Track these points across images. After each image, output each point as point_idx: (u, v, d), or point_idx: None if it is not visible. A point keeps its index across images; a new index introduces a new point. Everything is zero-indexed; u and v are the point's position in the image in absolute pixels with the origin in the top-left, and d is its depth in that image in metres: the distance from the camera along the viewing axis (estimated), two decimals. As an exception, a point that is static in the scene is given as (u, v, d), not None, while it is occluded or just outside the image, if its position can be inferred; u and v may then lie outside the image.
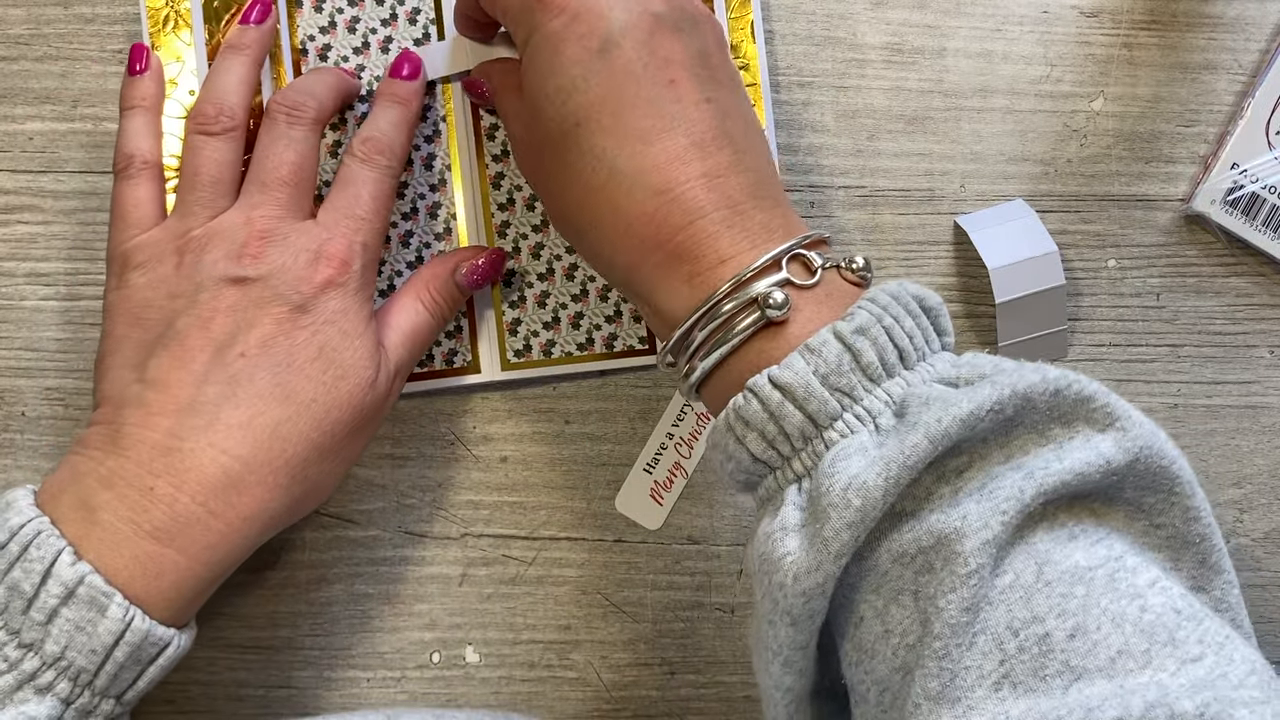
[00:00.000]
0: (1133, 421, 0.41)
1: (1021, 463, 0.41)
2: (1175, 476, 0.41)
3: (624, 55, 0.47)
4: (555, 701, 0.59)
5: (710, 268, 0.45)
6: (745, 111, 0.49)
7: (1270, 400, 0.59)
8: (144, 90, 0.55)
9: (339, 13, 0.57)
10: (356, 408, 0.51)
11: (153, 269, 0.51)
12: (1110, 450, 0.41)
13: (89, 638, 0.45)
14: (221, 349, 0.49)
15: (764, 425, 0.43)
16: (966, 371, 0.43)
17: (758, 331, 0.45)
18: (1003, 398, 0.41)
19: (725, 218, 0.46)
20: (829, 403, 0.43)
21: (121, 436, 0.48)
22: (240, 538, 0.48)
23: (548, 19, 0.48)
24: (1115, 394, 0.42)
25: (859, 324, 0.43)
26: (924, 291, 0.45)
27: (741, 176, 0.46)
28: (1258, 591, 0.59)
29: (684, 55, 0.47)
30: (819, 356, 0.43)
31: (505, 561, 0.59)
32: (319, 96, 0.54)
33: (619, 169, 0.46)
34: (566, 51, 0.47)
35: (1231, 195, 0.58)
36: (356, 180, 0.53)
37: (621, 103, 0.46)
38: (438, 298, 0.55)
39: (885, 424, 0.42)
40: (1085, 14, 0.59)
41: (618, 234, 0.47)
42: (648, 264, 0.47)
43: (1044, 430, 0.42)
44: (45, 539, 0.46)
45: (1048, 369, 0.42)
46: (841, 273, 0.46)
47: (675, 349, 0.47)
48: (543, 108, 0.48)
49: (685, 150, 0.46)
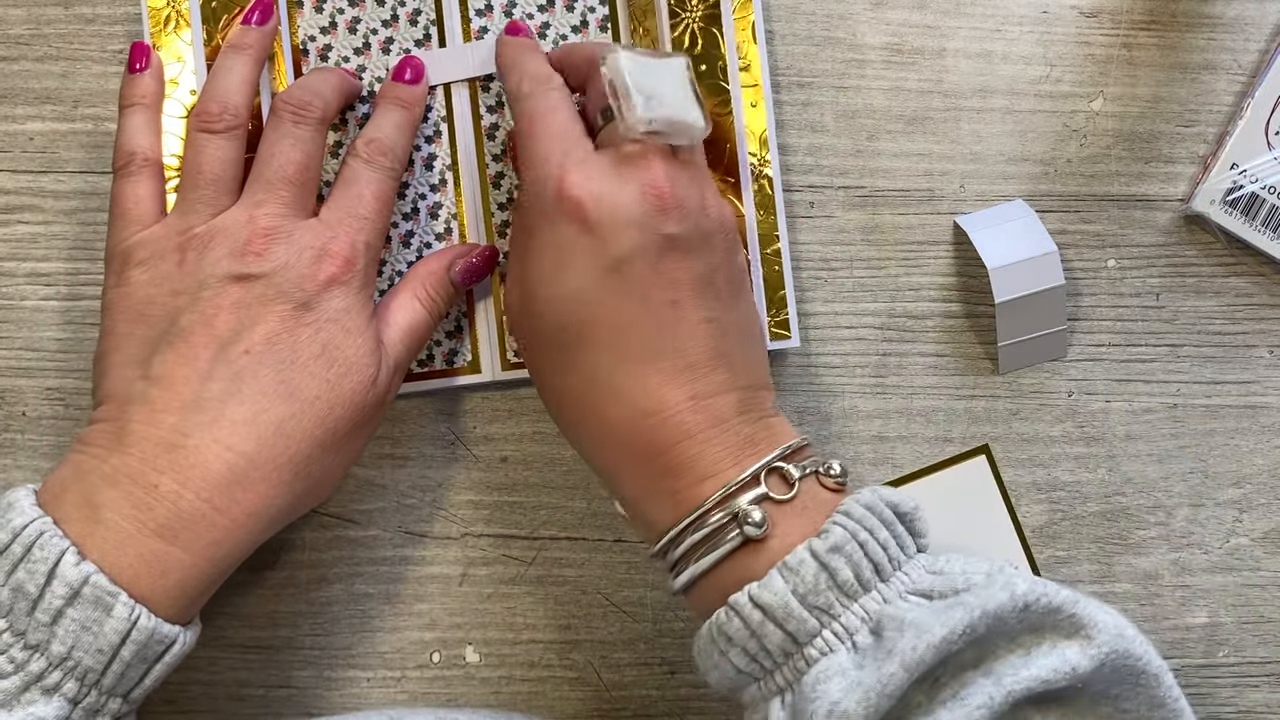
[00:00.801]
0: (1099, 628, 0.43)
1: (992, 668, 0.43)
2: (1142, 670, 0.44)
3: (632, 276, 0.48)
4: (555, 701, 0.59)
5: (693, 484, 0.47)
6: (745, 322, 0.50)
7: (1270, 400, 0.59)
8: (144, 88, 0.55)
9: (340, 13, 0.58)
10: (359, 405, 0.51)
11: (154, 266, 0.51)
12: (1076, 657, 0.43)
13: (95, 637, 0.45)
14: (225, 346, 0.49)
15: (746, 641, 0.45)
16: (940, 584, 0.45)
17: (738, 548, 0.46)
18: (974, 620, 0.42)
19: (711, 436, 0.47)
20: (808, 621, 0.44)
21: (126, 434, 0.48)
22: (244, 534, 0.48)
23: (563, 220, 0.49)
24: (1085, 599, 0.44)
25: (834, 542, 0.45)
26: (898, 497, 0.47)
27: (731, 395, 0.48)
28: (1257, 591, 0.59)
29: (690, 275, 0.48)
30: (797, 575, 0.45)
31: (505, 561, 0.59)
32: (325, 96, 0.54)
33: (613, 385, 0.48)
34: (576, 264, 0.48)
35: (1231, 195, 0.58)
36: (360, 180, 0.53)
37: (623, 322, 0.48)
38: (434, 294, 0.55)
39: (862, 642, 0.44)
40: (1085, 14, 0.59)
41: (603, 441, 0.49)
42: (632, 474, 0.49)
43: (1015, 637, 0.44)
44: (49, 539, 0.46)
45: (1016, 583, 0.43)
46: (820, 479, 0.48)
47: (659, 554, 0.49)
48: (542, 309, 0.49)
49: (680, 373, 0.48)
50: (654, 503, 0.48)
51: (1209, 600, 0.59)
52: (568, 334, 0.49)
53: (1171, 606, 0.59)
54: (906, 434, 0.59)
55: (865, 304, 0.59)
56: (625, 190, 0.48)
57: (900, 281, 0.59)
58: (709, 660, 0.47)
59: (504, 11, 0.58)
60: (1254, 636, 0.59)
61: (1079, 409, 0.59)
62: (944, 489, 0.59)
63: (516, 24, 0.57)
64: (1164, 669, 0.44)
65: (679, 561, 0.48)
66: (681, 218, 0.48)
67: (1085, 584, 0.59)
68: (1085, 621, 0.43)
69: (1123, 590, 0.59)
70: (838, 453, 0.59)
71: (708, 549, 0.47)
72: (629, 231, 0.48)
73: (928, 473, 0.59)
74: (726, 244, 0.50)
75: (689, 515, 0.47)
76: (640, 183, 0.48)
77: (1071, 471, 0.59)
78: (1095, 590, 0.59)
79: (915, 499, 0.47)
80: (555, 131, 0.51)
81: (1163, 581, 0.59)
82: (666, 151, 0.50)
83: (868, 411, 0.59)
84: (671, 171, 0.49)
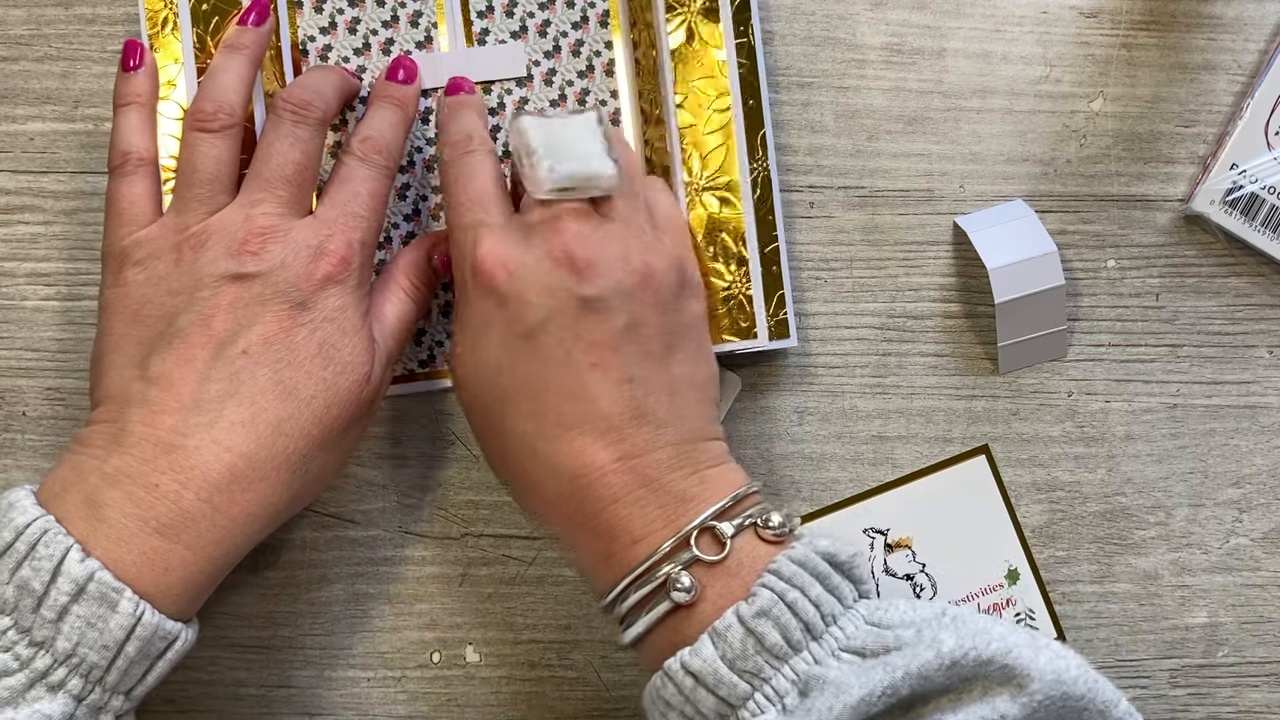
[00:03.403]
0: (1033, 676, 0.43)
1: (920, 714, 0.43)
2: (1084, 709, 0.43)
3: (549, 343, 0.48)
4: (555, 701, 0.59)
5: (624, 548, 0.48)
6: (679, 377, 0.50)
7: (1269, 400, 0.59)
8: (139, 86, 0.54)
9: (339, 13, 0.58)
10: (354, 402, 0.51)
11: (150, 266, 0.51)
12: (1005, 706, 0.43)
13: (100, 634, 0.45)
14: (223, 346, 0.49)
15: (682, 705, 0.46)
16: (873, 641, 0.45)
17: (669, 613, 0.47)
18: (895, 681, 0.43)
19: (639, 498, 0.48)
20: (738, 686, 0.45)
21: (125, 434, 0.48)
22: (244, 532, 0.49)
23: (479, 295, 0.50)
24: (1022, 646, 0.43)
25: (760, 606, 0.45)
26: (836, 547, 0.47)
27: (659, 453, 0.48)
28: (1257, 591, 0.59)
29: (609, 336, 0.48)
30: (725, 641, 0.45)
31: (505, 561, 0.59)
32: (325, 96, 0.54)
33: (538, 451, 0.49)
34: (493, 334, 0.49)
35: (1231, 195, 0.58)
36: (355, 178, 0.53)
37: (543, 388, 0.48)
38: (418, 283, 0.55)
39: (791, 704, 0.44)
40: (1084, 14, 0.59)
41: (540, 504, 0.50)
42: (569, 536, 0.50)
43: (947, 686, 0.43)
44: (53, 537, 0.46)
45: (943, 641, 0.43)
46: (759, 532, 0.48)
47: (606, 611, 0.49)
48: (470, 377, 0.50)
49: (602, 435, 0.48)
50: (592, 565, 0.49)
51: (1209, 600, 0.59)
52: (493, 402, 0.50)
53: (1171, 606, 0.59)
54: (906, 434, 0.59)
55: (865, 304, 0.59)
56: (534, 256, 0.49)
57: (900, 281, 0.59)
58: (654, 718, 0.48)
59: (505, 12, 0.58)
60: (1254, 636, 0.59)
61: (1079, 409, 0.59)
62: (944, 489, 0.59)
63: (457, 82, 0.55)
64: (1113, 702, 0.44)
65: (626, 616, 0.48)
66: (596, 277, 0.48)
67: (1085, 584, 0.59)
68: (1018, 671, 0.43)
69: (1123, 590, 0.59)
70: (836, 454, 0.59)
71: (645, 610, 0.47)
72: (541, 299, 0.48)
73: (928, 473, 0.59)
74: (657, 298, 0.49)
75: (624, 579, 0.47)
76: (549, 247, 0.49)
77: (1071, 471, 0.59)
78: (1095, 590, 0.59)
79: (854, 546, 0.47)
80: (471, 198, 0.51)
81: (1163, 581, 0.59)
82: (581, 210, 0.49)
83: (868, 411, 0.59)
84: (584, 231, 0.49)
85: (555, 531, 0.51)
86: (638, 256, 0.50)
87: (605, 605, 0.49)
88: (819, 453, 0.59)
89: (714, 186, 0.56)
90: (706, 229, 0.55)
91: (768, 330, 0.56)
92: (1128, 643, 0.59)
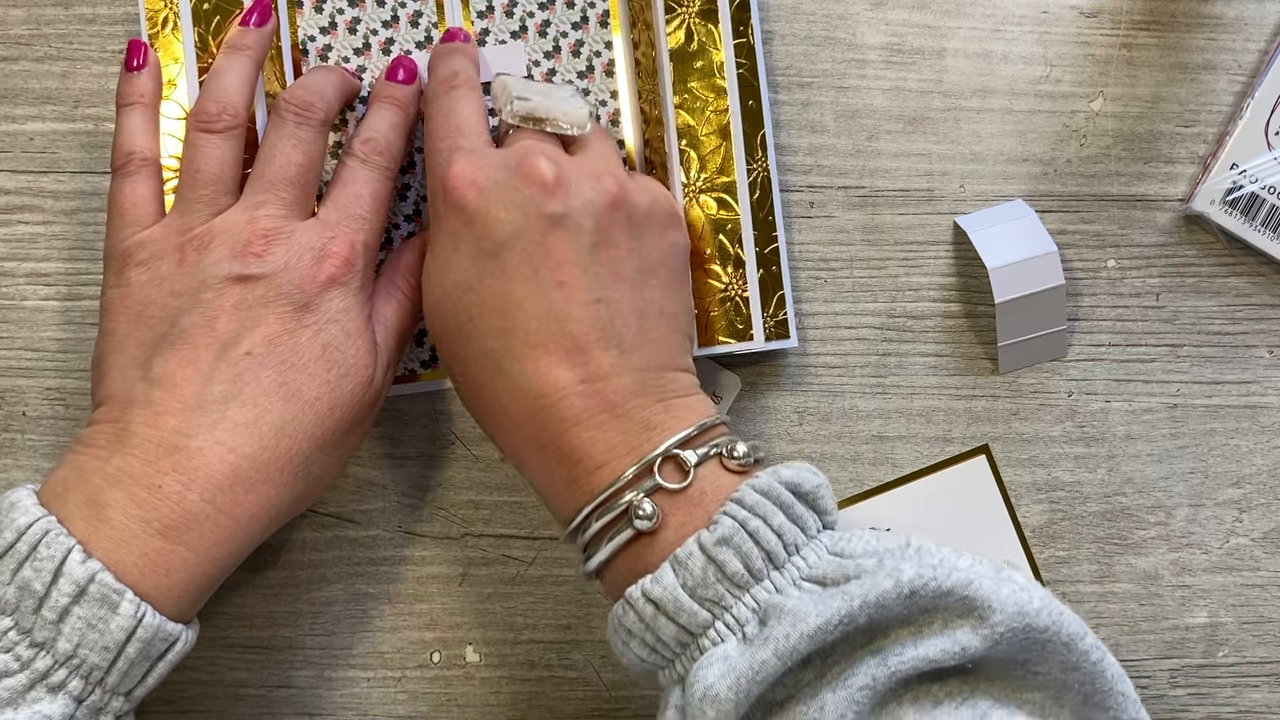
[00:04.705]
0: (994, 608, 0.42)
1: (882, 646, 0.43)
2: (1048, 640, 0.43)
3: (515, 259, 0.48)
4: (555, 701, 0.59)
5: (587, 474, 0.47)
6: (651, 303, 0.50)
7: (1269, 400, 0.59)
8: (141, 86, 0.54)
9: (339, 13, 0.58)
10: (357, 405, 0.51)
11: (153, 267, 0.51)
12: (967, 638, 0.42)
13: (101, 635, 0.45)
14: (226, 347, 0.49)
15: (643, 634, 0.46)
16: (834, 570, 0.44)
17: (631, 540, 0.47)
18: (853, 609, 0.42)
19: (602, 423, 0.47)
20: (699, 614, 0.45)
21: (128, 435, 0.48)
22: (247, 534, 0.49)
23: (449, 214, 0.50)
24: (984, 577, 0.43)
25: (722, 534, 0.45)
26: (800, 475, 0.46)
27: (624, 378, 0.48)
28: (1257, 591, 0.59)
29: (576, 255, 0.48)
30: (686, 569, 0.45)
31: (505, 561, 0.59)
32: (327, 97, 0.54)
33: (505, 369, 0.48)
34: (461, 252, 0.49)
35: (1231, 195, 0.58)
36: (357, 180, 0.53)
37: (509, 304, 0.48)
38: (415, 283, 0.55)
39: (751, 632, 0.44)
40: (1085, 14, 0.59)
41: (505, 428, 0.49)
42: (533, 461, 0.49)
43: (907, 617, 0.43)
44: (54, 538, 0.46)
45: (903, 570, 0.43)
46: (723, 462, 0.47)
47: (568, 539, 0.49)
48: (439, 298, 0.50)
49: (567, 355, 0.48)
50: (554, 491, 0.49)
51: (1209, 600, 0.59)
52: (461, 322, 0.49)
53: (1171, 606, 0.59)
54: (906, 434, 0.59)
55: (865, 304, 0.59)
56: (503, 174, 0.49)
57: (900, 281, 0.59)
58: (616, 649, 0.48)
59: (505, 12, 0.58)
60: (1254, 636, 0.59)
61: (1079, 409, 0.59)
62: (944, 489, 0.59)
63: (453, 31, 0.56)
64: (1078, 635, 0.43)
65: (588, 545, 0.48)
66: (564, 195, 0.49)
67: (1085, 584, 0.59)
68: (979, 603, 0.42)
69: (1123, 590, 0.59)
70: (836, 454, 0.59)
71: (607, 538, 0.47)
72: (510, 215, 0.48)
73: (928, 473, 0.59)
74: (629, 220, 0.50)
75: (585, 506, 0.47)
76: (520, 167, 0.49)
77: (1071, 471, 0.59)
78: (1095, 590, 0.59)
79: (821, 475, 0.47)
80: (451, 126, 0.52)
81: (1163, 581, 0.59)
82: (552, 139, 0.52)
83: (868, 411, 0.59)
84: (554, 154, 0.50)
85: (517, 461, 0.50)
86: (609, 179, 0.50)
87: (568, 534, 0.49)
88: (819, 453, 0.59)
89: (712, 188, 0.56)
90: (704, 230, 0.55)
91: (766, 331, 0.56)
92: (1128, 643, 0.59)
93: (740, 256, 0.55)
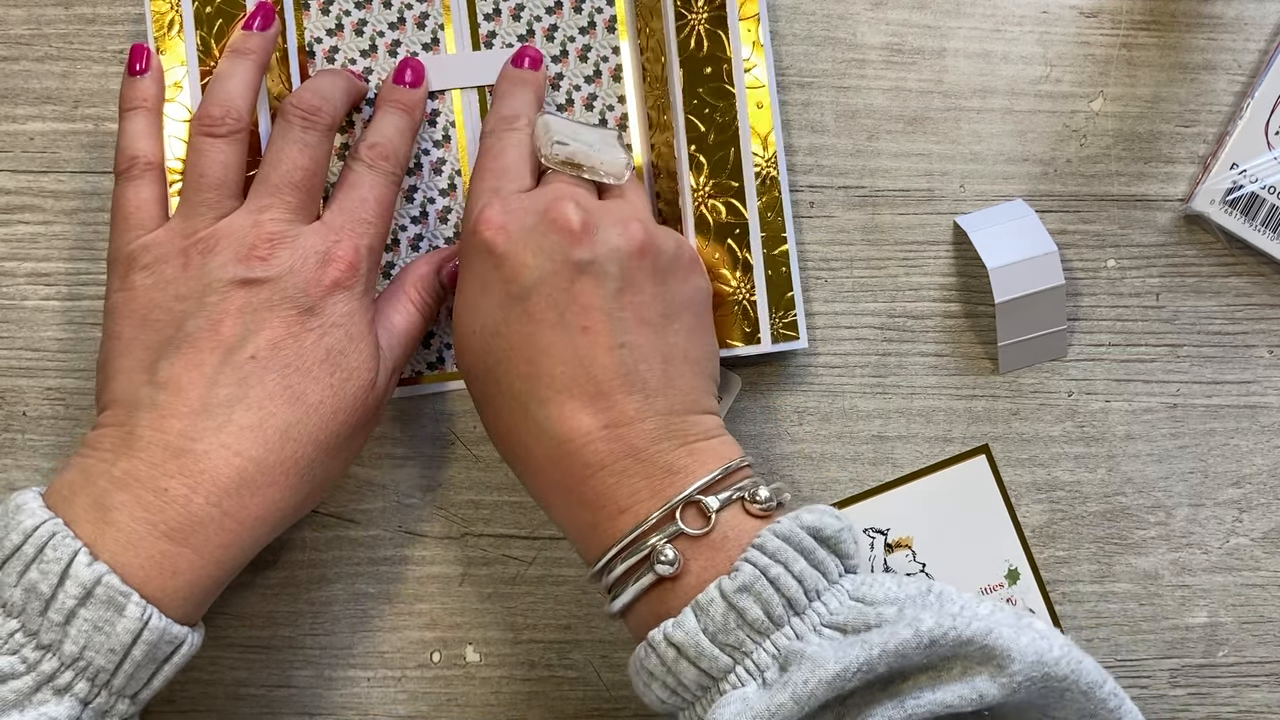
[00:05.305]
0: (1013, 657, 0.43)
1: (900, 691, 0.43)
2: (1067, 689, 0.43)
3: (541, 303, 0.49)
4: (555, 701, 0.59)
5: (610, 519, 0.48)
6: (675, 348, 0.50)
7: (1269, 400, 0.59)
8: (144, 91, 0.54)
9: (346, 15, 0.58)
10: (360, 408, 0.51)
11: (158, 270, 0.51)
12: (985, 686, 0.43)
13: (107, 637, 0.45)
14: (231, 351, 0.49)
15: (665, 676, 0.46)
16: (855, 618, 0.45)
17: (654, 585, 0.47)
18: (871, 658, 0.43)
19: (626, 468, 0.48)
20: (720, 659, 0.45)
21: (134, 438, 0.48)
22: (251, 537, 0.49)
23: (478, 253, 0.50)
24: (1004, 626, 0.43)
25: (743, 581, 0.45)
26: (823, 520, 0.47)
27: (647, 423, 0.48)
28: (1258, 591, 0.59)
29: (602, 300, 0.49)
30: (707, 615, 0.45)
31: (505, 561, 0.59)
32: (334, 101, 0.54)
33: (530, 414, 0.49)
34: (490, 295, 0.50)
35: (1231, 195, 0.58)
36: (362, 184, 0.53)
37: (535, 349, 0.49)
38: (426, 296, 0.55)
39: (771, 678, 0.45)
40: (1085, 14, 0.59)
41: (531, 471, 0.50)
42: (558, 504, 0.49)
43: (927, 663, 0.44)
44: (61, 540, 0.46)
45: (923, 620, 0.43)
46: (745, 506, 0.48)
47: (593, 580, 0.49)
48: (468, 340, 0.51)
49: (591, 400, 0.48)
50: (579, 534, 0.49)
51: (1209, 600, 0.59)
52: (490, 364, 0.50)
53: (1171, 606, 0.59)
54: (906, 434, 0.59)
55: (865, 304, 0.59)
56: (531, 219, 0.50)
57: (900, 281, 0.59)
58: (638, 689, 0.48)
59: (512, 16, 0.58)
60: (1254, 636, 0.59)
61: (1079, 409, 0.59)
62: (944, 489, 0.59)
63: (524, 51, 0.57)
64: (1097, 683, 0.44)
65: (613, 587, 0.49)
66: (593, 245, 0.49)
67: (1085, 584, 0.59)
68: (998, 651, 0.43)
69: (1123, 590, 0.59)
70: (836, 454, 0.59)
71: (631, 581, 0.47)
72: (537, 260, 0.49)
73: (928, 473, 0.59)
74: (654, 266, 0.50)
75: (610, 550, 0.48)
76: (548, 212, 0.49)
77: (1071, 471, 0.59)
78: (1095, 590, 0.59)
79: (843, 519, 0.47)
80: (496, 168, 0.53)
81: (1163, 581, 0.59)
82: (585, 185, 0.52)
83: (868, 411, 0.59)
84: (585, 201, 0.50)
85: (543, 503, 0.51)
86: (636, 224, 0.50)
87: (592, 575, 0.49)
88: (819, 453, 0.59)
89: (720, 192, 0.56)
90: (712, 235, 0.55)
91: (773, 334, 0.56)
92: (1128, 643, 0.59)
93: (748, 261, 0.55)
